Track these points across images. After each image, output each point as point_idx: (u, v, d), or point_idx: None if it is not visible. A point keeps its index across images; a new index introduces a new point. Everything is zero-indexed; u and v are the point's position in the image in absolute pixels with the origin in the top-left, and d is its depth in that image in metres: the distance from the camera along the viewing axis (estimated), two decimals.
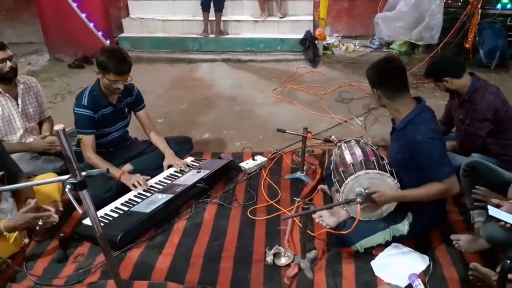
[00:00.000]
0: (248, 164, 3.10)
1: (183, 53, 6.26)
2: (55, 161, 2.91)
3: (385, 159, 2.29)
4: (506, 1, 5.34)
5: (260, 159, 3.16)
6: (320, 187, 2.83)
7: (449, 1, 5.59)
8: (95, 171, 1.52)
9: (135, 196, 2.65)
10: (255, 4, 6.43)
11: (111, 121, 2.83)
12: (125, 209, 2.52)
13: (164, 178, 2.85)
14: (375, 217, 2.22)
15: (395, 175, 2.14)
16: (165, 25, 6.56)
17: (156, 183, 2.79)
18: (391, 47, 6.36)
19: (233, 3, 6.52)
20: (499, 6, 5.37)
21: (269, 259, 2.19)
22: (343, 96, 4.61)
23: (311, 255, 2.21)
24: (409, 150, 2.09)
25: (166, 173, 2.91)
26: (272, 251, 2.21)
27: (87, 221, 2.34)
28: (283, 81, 5.13)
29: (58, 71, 5.76)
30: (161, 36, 6.44)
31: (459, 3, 5.55)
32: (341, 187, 2.16)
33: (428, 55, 5.49)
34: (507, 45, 5.34)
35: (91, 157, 2.69)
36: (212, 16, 6.10)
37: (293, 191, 2.86)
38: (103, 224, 2.35)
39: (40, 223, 2.12)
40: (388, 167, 2.17)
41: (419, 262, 2.16)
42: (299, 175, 3.00)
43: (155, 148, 3.03)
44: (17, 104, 2.84)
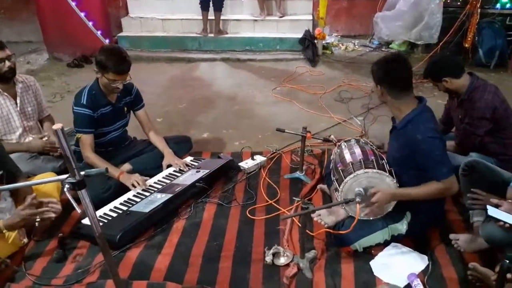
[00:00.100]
0: (247, 163, 3.10)
1: (182, 53, 6.24)
2: (54, 161, 2.89)
3: (384, 158, 2.29)
4: (505, 0, 5.33)
5: (259, 159, 3.15)
6: (319, 186, 2.83)
7: (449, 1, 5.58)
8: (94, 171, 1.52)
9: (134, 195, 2.64)
10: (254, 3, 6.42)
11: (110, 120, 2.82)
12: (124, 208, 2.52)
13: (163, 177, 2.85)
14: (374, 216, 2.21)
15: (394, 175, 2.14)
16: (164, 24, 6.55)
17: (155, 182, 2.79)
18: (390, 46, 6.36)
19: (232, 2, 6.51)
20: (498, 5, 5.36)
21: (268, 259, 2.19)
22: (343, 95, 4.61)
23: (310, 255, 2.21)
24: (408, 149, 2.09)
25: (165, 172, 2.90)
26: (271, 251, 2.21)
27: (86, 221, 2.34)
28: (283, 80, 5.12)
29: (57, 70, 5.74)
30: (160, 35, 6.43)
31: (459, 3, 5.54)
32: (340, 186, 2.16)
33: (427, 54, 5.49)
34: (506, 44, 5.33)
35: (90, 156, 2.68)
36: (211, 15, 6.09)
37: (292, 191, 2.85)
38: (102, 223, 2.35)
39: (37, 219, 2.11)
40: (387, 167, 2.17)
41: (418, 262, 2.16)
42: (298, 174, 3.00)
43: (154, 147, 3.02)
44: (16, 103, 2.83)
